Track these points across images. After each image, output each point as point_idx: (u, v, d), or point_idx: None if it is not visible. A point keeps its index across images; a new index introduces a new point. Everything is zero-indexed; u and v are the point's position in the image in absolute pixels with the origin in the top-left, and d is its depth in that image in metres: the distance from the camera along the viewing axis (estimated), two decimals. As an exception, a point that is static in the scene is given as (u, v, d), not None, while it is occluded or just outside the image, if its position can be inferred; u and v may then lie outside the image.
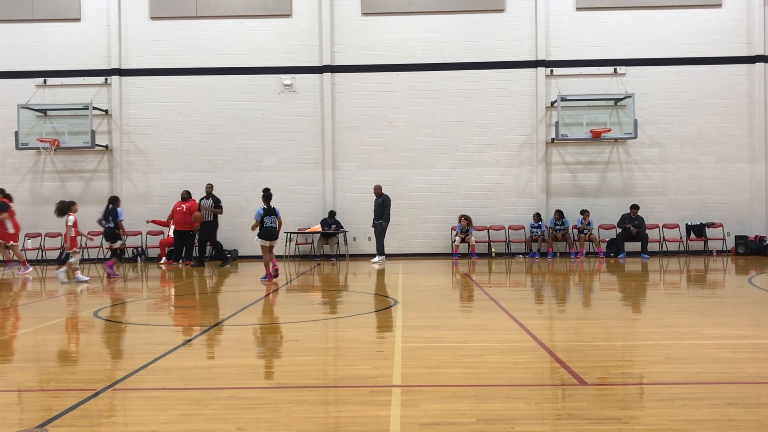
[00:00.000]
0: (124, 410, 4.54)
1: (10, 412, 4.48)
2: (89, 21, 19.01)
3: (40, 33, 19.01)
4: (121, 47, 18.96)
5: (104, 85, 18.98)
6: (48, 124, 18.55)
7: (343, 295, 11.20)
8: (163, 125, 18.98)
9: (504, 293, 10.94)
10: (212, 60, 18.97)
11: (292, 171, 18.96)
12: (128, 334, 7.61)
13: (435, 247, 18.89)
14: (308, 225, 18.69)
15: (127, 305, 10.11)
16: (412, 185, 18.90)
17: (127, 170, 19.01)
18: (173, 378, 5.25)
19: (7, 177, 18.80)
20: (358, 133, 18.93)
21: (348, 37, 18.96)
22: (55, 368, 5.86)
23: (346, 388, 4.90)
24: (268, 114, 18.95)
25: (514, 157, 18.93)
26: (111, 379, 5.28)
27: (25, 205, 18.64)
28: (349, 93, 18.93)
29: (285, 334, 7.35)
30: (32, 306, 10.23)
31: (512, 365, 5.56)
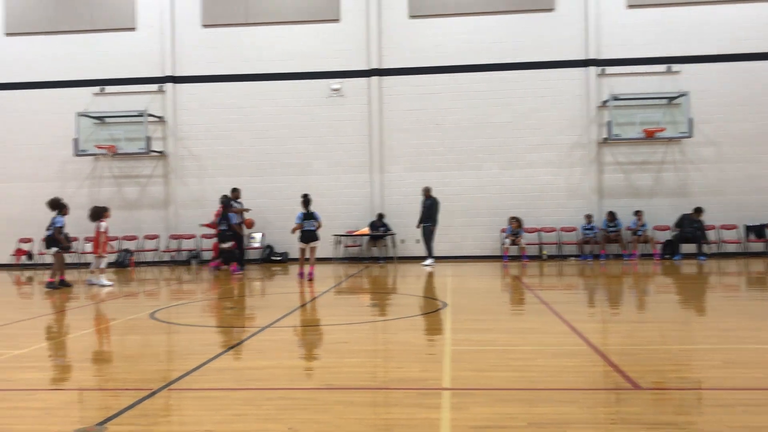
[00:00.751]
0: (179, 409, 4.64)
1: (71, 410, 4.63)
2: (144, 30, 19.52)
3: (98, 43, 19.61)
4: (174, 55, 19.42)
5: (159, 93, 19.46)
6: (105, 131, 19.11)
7: (392, 298, 11.22)
8: (216, 131, 19.35)
9: (555, 296, 10.79)
10: (262, 66, 19.26)
11: (341, 174, 19.09)
12: (183, 336, 7.78)
13: (484, 250, 18.76)
14: (357, 228, 18.79)
15: (181, 307, 10.34)
16: (460, 187, 18.82)
17: (181, 175, 19.44)
18: (226, 378, 5.35)
19: (67, 183, 19.45)
20: (405, 136, 18.95)
21: (395, 40, 19.01)
22: (113, 368, 6.03)
23: (395, 391, 4.91)
24: (316, 118, 19.13)
25: (564, 157, 18.67)
26: (167, 379, 5.41)
27: (84, 209, 19.17)
28: (397, 96, 18.97)
29: (334, 336, 7.40)
30: (91, 308, 10.55)
31: (564, 369, 5.48)
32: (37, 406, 4.68)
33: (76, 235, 18.73)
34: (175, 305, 10.53)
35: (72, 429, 4.05)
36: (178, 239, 19.36)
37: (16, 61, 19.79)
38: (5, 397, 4.90)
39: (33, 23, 19.79)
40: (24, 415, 4.46)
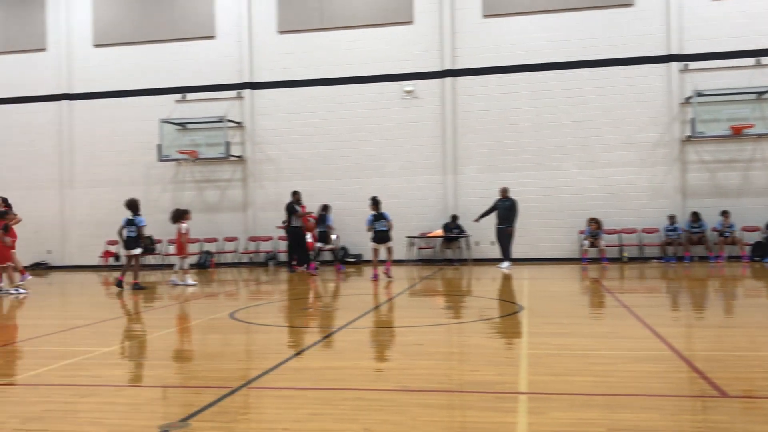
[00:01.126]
0: (258, 408, 4.74)
1: (156, 406, 4.80)
2: (223, 38, 20.10)
3: (179, 51, 20.31)
4: (252, 62, 19.90)
5: (237, 99, 19.99)
6: (187, 136, 19.77)
7: (467, 300, 11.13)
8: (292, 135, 19.71)
9: (637, 299, 10.46)
10: (336, 70, 19.50)
11: (414, 176, 19.10)
12: (261, 335, 7.95)
13: (562, 252, 18.37)
14: (430, 229, 18.75)
15: (259, 307, 10.57)
16: (536, 188, 18.50)
17: (259, 179, 19.90)
18: (303, 378, 5.43)
19: (151, 187, 20.23)
20: (479, 136, 18.79)
21: (469, 40, 18.88)
22: (195, 366, 6.22)
23: (471, 393, 4.87)
24: (390, 120, 19.21)
25: (646, 156, 18.08)
26: (246, 377, 5.54)
27: (167, 213, 19.89)
28: (470, 96, 18.84)
29: (409, 338, 7.41)
30: (173, 308, 10.92)
31: (645, 374, 5.30)
32: (125, 401, 4.88)
33: (160, 238, 19.47)
34: (254, 306, 10.78)
35: (157, 425, 4.20)
36: (256, 241, 19.83)
37: (103, 71, 20.74)
38: (95, 392, 5.13)
39: (118, 35, 20.68)
40: (112, 410, 4.66)
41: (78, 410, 4.65)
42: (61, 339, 7.94)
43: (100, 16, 20.80)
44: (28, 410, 4.61)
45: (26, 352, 7.05)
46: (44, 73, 21.00)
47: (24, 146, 21.03)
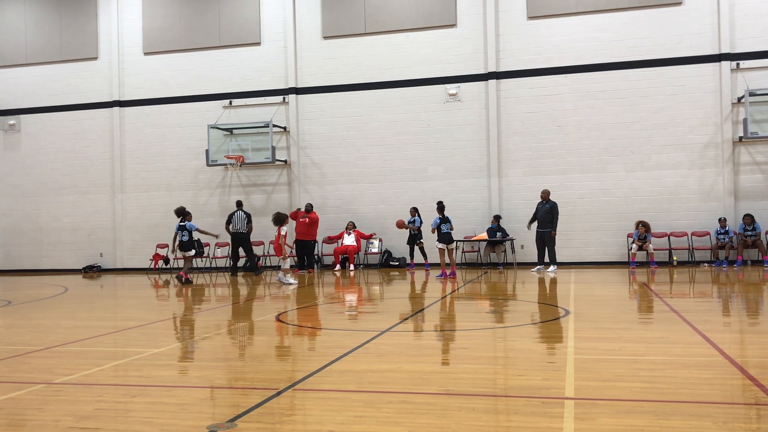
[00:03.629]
0: (303, 409, 4.79)
1: (204, 406, 4.89)
2: (268, 44, 20.37)
3: (226, 58, 20.66)
4: (297, 67, 20.12)
5: (282, 104, 20.23)
6: (234, 141, 20.09)
7: (512, 304, 11.04)
8: (336, 139, 19.85)
9: (687, 304, 10.22)
10: (379, 74, 19.57)
11: (458, 179, 19.03)
12: (306, 337, 8.03)
13: (609, 255, 18.06)
14: (474, 233, 18.65)
15: (304, 310, 10.67)
16: (583, 190, 18.24)
17: (304, 183, 20.10)
18: (348, 380, 5.46)
19: (200, 191, 20.61)
20: (524, 139, 18.62)
21: (513, 42, 18.74)
22: (242, 367, 6.31)
23: (516, 398, 4.83)
24: (433, 124, 19.19)
25: (696, 158, 17.67)
26: (291, 379, 5.60)
27: (215, 216, 20.34)
28: (515, 99, 18.69)
29: (453, 342, 7.38)
30: (221, 310, 11.10)
31: (696, 381, 5.18)
32: (174, 401, 4.98)
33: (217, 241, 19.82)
34: (299, 308, 10.88)
35: (205, 425, 4.28)
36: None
37: (152, 78, 21.23)
38: (145, 392, 5.25)
39: (167, 42, 21.14)
40: (162, 409, 4.76)
41: (129, 410, 4.77)
42: (112, 340, 8.15)
43: (149, 24, 21.30)
44: (82, 409, 4.74)
45: (80, 352, 7.25)
46: (96, 80, 21.60)
47: (77, 152, 21.66)
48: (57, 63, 21.93)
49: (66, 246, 21.57)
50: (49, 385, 5.51)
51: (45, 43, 22.02)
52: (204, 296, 13.61)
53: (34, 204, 21.96)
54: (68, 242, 21.52)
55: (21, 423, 4.51)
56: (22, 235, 22.04)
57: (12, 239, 22.18)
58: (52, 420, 4.50)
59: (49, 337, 8.11)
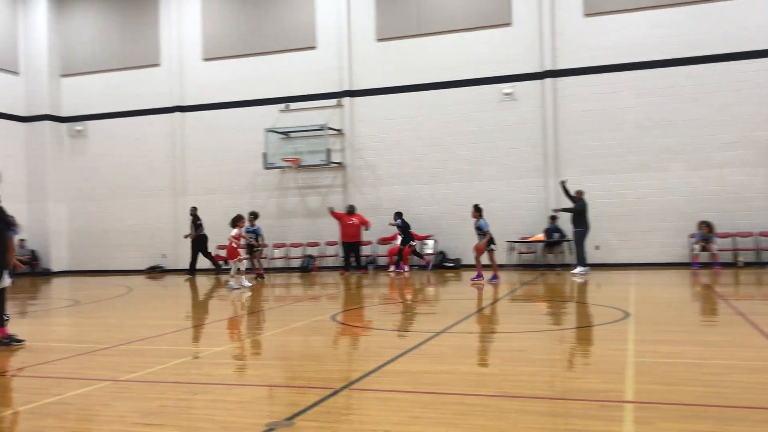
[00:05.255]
0: (359, 409, 4.83)
1: (263, 404, 4.99)
2: (323, 48, 20.59)
3: (283, 63, 20.98)
4: (351, 70, 20.28)
5: (337, 107, 20.41)
6: (290, 145, 20.38)
7: (569, 306, 10.87)
8: (390, 141, 19.92)
9: (753, 306, 9.88)
10: (433, 75, 19.54)
11: (513, 179, 18.84)
12: (362, 338, 8.09)
13: (670, 256, 17.58)
14: (531, 234, 18.43)
15: (360, 310, 10.74)
16: (643, 190, 17.81)
17: (358, 184, 20.23)
18: (403, 381, 5.48)
19: (257, 194, 20.98)
20: (581, 138, 18.30)
21: (569, 39, 18.45)
22: (299, 367, 6.41)
23: (574, 401, 4.76)
24: (487, 124, 19.05)
25: (764, 155, 17.03)
26: (348, 379, 5.66)
27: (272, 218, 20.68)
28: (571, 97, 18.39)
29: (510, 344, 7.32)
30: (278, 310, 11.27)
31: (763, 386, 5.00)
32: (233, 399, 5.10)
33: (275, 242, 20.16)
34: (353, 309, 10.96)
35: (264, 422, 4.36)
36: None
37: (211, 83, 21.72)
38: (206, 390, 5.38)
39: (226, 48, 21.60)
40: (222, 407, 4.88)
41: (191, 407, 4.90)
42: (175, 339, 8.38)
43: (208, 31, 21.80)
44: (146, 405, 4.90)
45: (144, 350, 7.48)
46: (158, 87, 22.23)
47: (140, 156, 22.32)
48: (121, 70, 22.66)
49: (130, 247, 22.24)
50: (116, 382, 5.71)
51: (110, 51, 22.78)
52: (262, 296, 13.85)
53: (100, 207, 22.72)
54: (132, 244, 22.18)
55: (90, 418, 4.69)
56: (89, 237, 22.83)
57: (79, 241, 23.00)
58: (119, 416, 4.67)
59: (114, 336, 8.40)
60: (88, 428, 4.47)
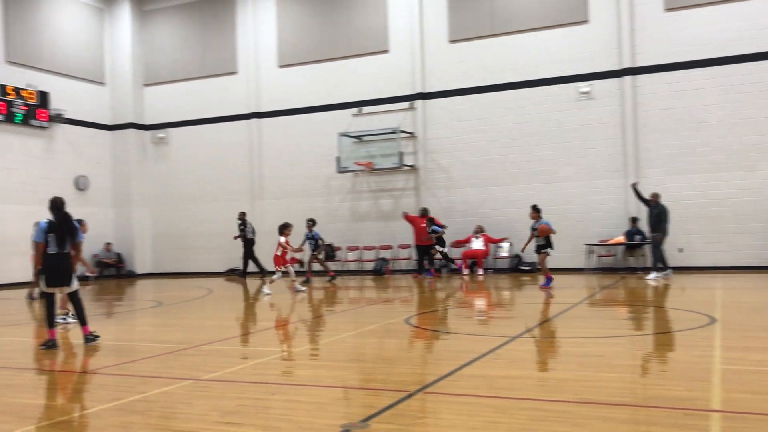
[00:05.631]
0: (434, 413, 4.80)
1: (338, 406, 5.03)
2: (396, 51, 20.66)
3: (356, 68, 21.17)
4: (423, 72, 20.26)
5: (410, 110, 20.43)
6: (363, 148, 20.53)
7: (651, 311, 10.51)
8: (463, 143, 19.78)
9: None
10: (507, 75, 19.29)
11: (591, 180, 18.37)
12: (435, 341, 8.05)
13: (761, 260, 16.71)
14: (610, 236, 17.93)
15: (433, 314, 10.70)
16: (729, 190, 17.03)
17: (431, 187, 20.18)
18: (479, 385, 5.42)
19: (331, 197, 21.23)
20: (663, 137, 17.67)
21: (649, 35, 17.86)
22: (373, 369, 6.43)
23: (657, 409, 4.59)
24: (564, 124, 18.65)
25: None
26: (422, 382, 5.64)
27: (346, 221, 20.89)
28: (652, 95, 17.79)
29: (588, 349, 7.13)
30: (352, 312, 11.36)
31: None
32: (309, 400, 5.16)
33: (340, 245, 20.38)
34: (428, 312, 10.93)
35: (339, 423, 4.40)
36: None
37: (286, 89, 22.13)
38: (282, 390, 5.48)
39: (300, 55, 21.97)
40: (298, 407, 4.95)
41: (268, 406, 4.99)
42: (252, 340, 8.56)
43: (283, 38, 22.23)
44: (226, 405, 5.02)
45: (223, 350, 7.68)
46: (236, 94, 22.82)
47: (219, 162, 22.97)
48: (200, 79, 23.39)
49: (209, 250, 22.90)
50: (197, 381, 5.88)
51: (189, 60, 23.56)
52: (336, 298, 14.00)
53: (180, 211, 23.51)
54: (212, 247, 22.82)
55: (173, 416, 4.84)
56: (170, 240, 23.65)
57: (161, 244, 23.86)
58: (200, 414, 4.80)
59: (195, 336, 8.65)
60: (170, 425, 4.61)
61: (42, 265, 7.98)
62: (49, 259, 7.96)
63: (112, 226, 23.60)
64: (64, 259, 8.03)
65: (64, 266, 8.02)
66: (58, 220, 8.04)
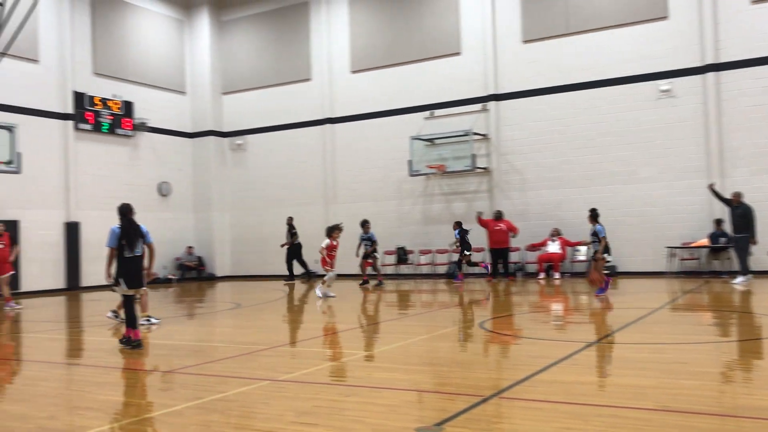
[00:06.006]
0: (509, 418, 4.74)
1: (412, 409, 5.03)
2: (467, 53, 20.54)
3: (427, 71, 21.16)
4: (496, 74, 20.06)
5: (482, 111, 20.26)
6: (435, 151, 20.48)
7: (738, 317, 10.05)
8: (537, 144, 19.46)
9: None
10: (582, 75, 18.87)
11: (673, 181, 17.72)
12: (511, 346, 7.94)
13: None
14: (693, 239, 17.25)
15: (507, 318, 10.56)
16: (823, 190, 16.11)
17: (505, 189, 19.94)
18: (555, 391, 5.31)
19: (403, 200, 21.29)
20: (749, 135, 16.88)
21: (734, 30, 17.11)
22: (447, 373, 6.40)
23: (745, 419, 4.39)
24: (643, 123, 18.08)
25: None
26: (497, 387, 5.57)
27: (418, 225, 20.90)
28: (737, 91, 17.02)
29: (670, 355, 6.88)
30: (425, 316, 11.35)
31: None
32: (384, 402, 5.18)
33: (412, 248, 20.39)
34: (502, 316, 10.80)
35: (413, 427, 4.40)
36: (503, 252, 19.84)
37: (359, 94, 22.34)
38: (357, 393, 5.52)
39: (372, 60, 22.14)
40: (373, 410, 4.97)
41: (343, 408, 5.04)
42: (327, 341, 8.67)
43: (356, 44, 22.47)
44: (301, 405, 5.10)
45: (299, 352, 7.81)
46: (309, 100, 23.21)
47: (293, 167, 23.41)
48: (275, 86, 23.91)
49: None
50: (273, 381, 6.00)
51: (265, 69, 24.12)
52: (409, 301, 14.01)
53: (257, 216, 24.06)
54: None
55: (250, 415, 4.96)
56: (248, 244, 24.24)
57: (239, 248, 24.49)
58: (276, 414, 4.89)
59: (272, 337, 8.83)
60: (249, 425, 4.72)
61: (120, 269, 8.35)
62: (126, 262, 8.35)
63: (193, 230, 24.43)
64: (139, 262, 8.47)
65: (138, 268, 8.47)
66: (125, 225, 8.40)
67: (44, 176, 19.61)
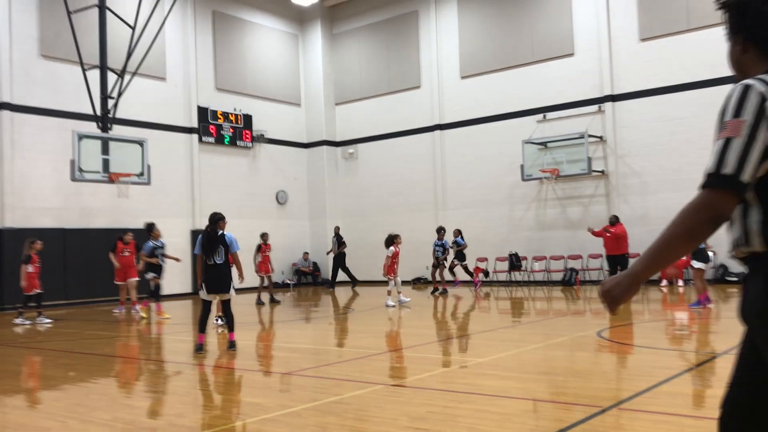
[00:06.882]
0: (629, 430, 4.56)
1: (527, 418, 4.95)
2: (581, 54, 19.98)
3: (539, 73, 20.77)
4: (612, 74, 19.40)
5: (597, 113, 19.64)
6: (548, 155, 20.05)
7: None
8: (658, 145, 18.62)
9: None
10: (705, 72, 17.85)
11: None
12: (631, 356, 7.64)
13: None
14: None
15: (627, 327, 10.17)
16: None
17: (623, 193, 19.20)
18: (679, 403, 5.07)
19: (515, 206, 20.96)
20: None
21: None
22: (563, 382, 6.24)
23: None
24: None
25: None
26: (616, 398, 5.38)
27: (531, 230, 20.50)
28: None
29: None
30: (540, 324, 11.11)
31: None
32: (497, 411, 5.12)
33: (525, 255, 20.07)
34: (622, 325, 10.40)
35: (528, 435, 4.32)
36: (621, 258, 19.10)
37: (468, 100, 22.24)
38: (470, 400, 5.49)
39: (481, 65, 22.00)
40: (486, 417, 4.93)
41: (456, 415, 5.03)
42: (440, 347, 8.68)
43: (465, 50, 22.41)
44: (415, 410, 5.14)
45: (412, 357, 7.86)
46: (419, 107, 23.37)
47: (404, 174, 23.62)
48: (385, 95, 24.26)
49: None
50: (387, 386, 6.07)
51: (375, 78, 24.53)
52: (523, 309, 13.78)
53: (369, 222, 24.45)
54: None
55: (365, 418, 5.05)
56: (361, 250, 24.64)
57: (353, 254, 24.86)
58: (391, 418, 4.95)
59: (384, 342, 8.94)
60: (364, 428, 4.81)
61: (202, 275, 8.68)
62: (207, 269, 8.64)
63: (308, 237, 25.19)
64: (217, 269, 8.63)
65: (217, 275, 8.62)
66: (203, 234, 8.73)
67: (172, 187, 20.84)
